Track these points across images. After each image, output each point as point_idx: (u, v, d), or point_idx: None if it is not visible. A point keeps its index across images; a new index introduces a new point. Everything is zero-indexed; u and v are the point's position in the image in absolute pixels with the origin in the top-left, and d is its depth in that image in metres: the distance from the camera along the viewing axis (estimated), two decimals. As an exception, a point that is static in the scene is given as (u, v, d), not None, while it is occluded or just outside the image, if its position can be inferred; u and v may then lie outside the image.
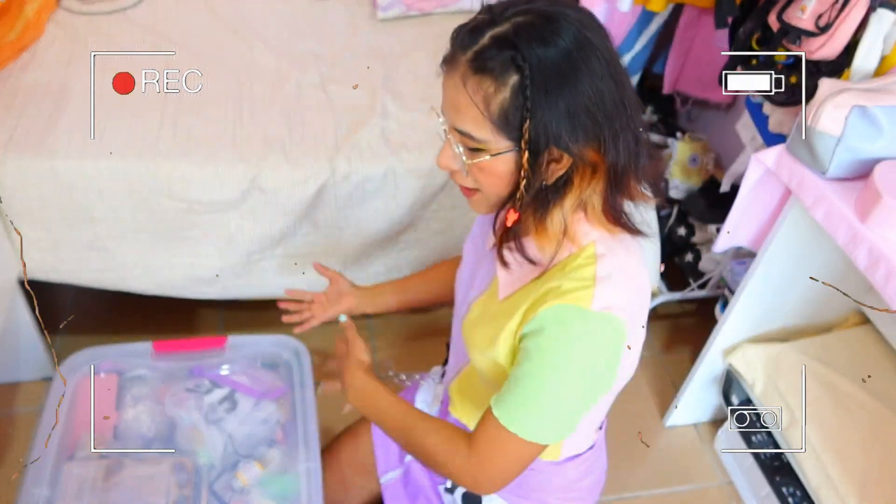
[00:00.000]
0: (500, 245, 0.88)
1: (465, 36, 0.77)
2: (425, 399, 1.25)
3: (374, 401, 1.02)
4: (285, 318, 1.30)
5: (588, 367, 0.84)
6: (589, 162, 0.79)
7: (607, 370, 0.85)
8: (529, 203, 0.82)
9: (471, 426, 1.09)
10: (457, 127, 0.80)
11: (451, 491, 1.13)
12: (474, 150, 0.80)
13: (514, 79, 0.75)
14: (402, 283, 1.31)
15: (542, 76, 0.74)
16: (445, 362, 1.22)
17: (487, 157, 0.79)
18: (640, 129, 0.81)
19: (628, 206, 0.87)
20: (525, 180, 0.79)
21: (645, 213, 0.90)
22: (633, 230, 0.87)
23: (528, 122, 0.75)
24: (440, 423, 0.97)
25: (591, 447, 1.10)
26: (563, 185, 0.81)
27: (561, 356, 0.83)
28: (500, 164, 0.80)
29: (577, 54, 0.75)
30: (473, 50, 0.76)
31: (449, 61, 0.79)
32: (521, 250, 0.86)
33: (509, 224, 0.84)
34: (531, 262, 0.86)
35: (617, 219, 0.85)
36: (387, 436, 1.06)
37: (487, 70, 0.75)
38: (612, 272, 0.83)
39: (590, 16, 0.79)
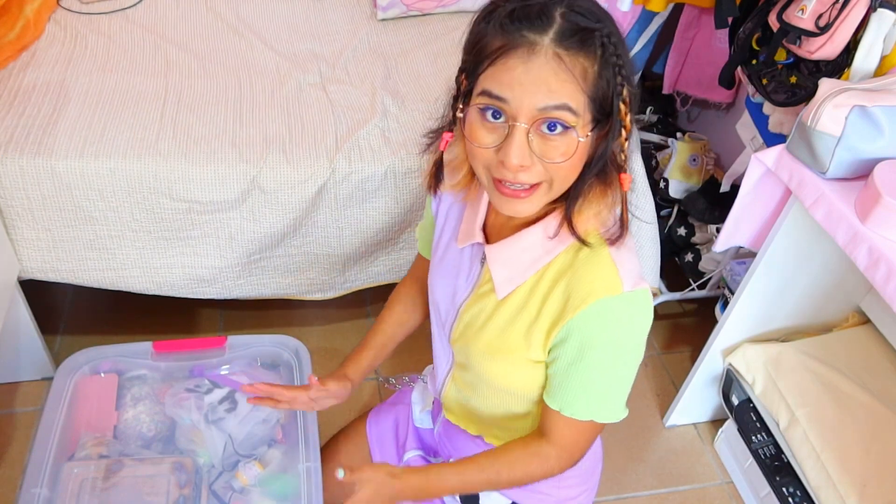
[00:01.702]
0: (567, 216, 0.85)
1: (535, 19, 0.76)
2: (418, 401, 1.25)
3: (440, 486, 1.00)
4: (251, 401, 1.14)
5: (638, 342, 0.89)
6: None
7: (645, 337, 0.90)
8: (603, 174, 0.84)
9: (466, 427, 1.10)
10: (553, 103, 0.75)
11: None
12: (560, 132, 0.77)
13: (598, 51, 0.76)
14: (368, 347, 1.21)
15: (620, 47, 0.77)
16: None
17: (586, 132, 0.78)
18: None
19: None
20: (628, 141, 0.81)
21: (644, 202, 0.90)
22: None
23: (625, 85, 0.78)
24: (509, 449, 0.98)
25: None
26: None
27: (612, 345, 0.87)
28: (587, 142, 0.80)
29: (608, 14, 0.79)
30: (554, 31, 0.75)
31: (519, 47, 0.75)
32: (573, 229, 0.85)
33: (627, 188, 0.85)
34: (582, 241, 0.86)
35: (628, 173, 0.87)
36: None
37: (575, 47, 0.75)
38: (619, 249, 0.87)
39: None
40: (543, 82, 0.75)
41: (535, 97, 0.75)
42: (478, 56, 0.79)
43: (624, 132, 0.80)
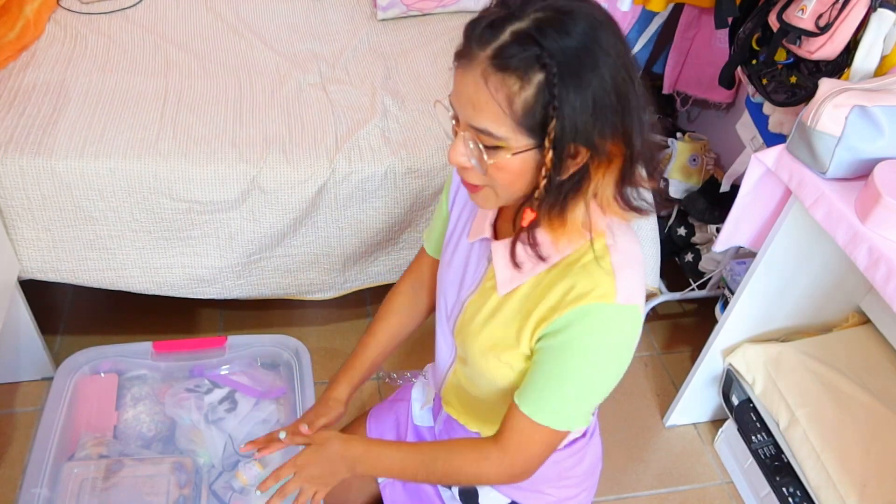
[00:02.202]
0: (513, 245, 0.87)
1: (482, 31, 0.75)
2: (418, 397, 1.25)
3: (378, 461, 0.99)
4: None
5: (615, 356, 0.88)
6: (607, 154, 0.79)
7: (628, 355, 0.89)
8: (547, 200, 0.81)
9: (466, 423, 1.10)
10: (474, 125, 0.78)
11: (447, 486, 1.14)
12: (491, 148, 0.79)
13: (538, 77, 0.73)
14: (360, 363, 1.19)
15: (568, 73, 0.73)
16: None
17: (507, 156, 0.78)
18: (647, 112, 0.81)
19: (632, 190, 0.87)
20: (546, 179, 0.78)
21: (644, 194, 0.89)
22: (643, 212, 0.87)
23: (553, 120, 0.74)
24: (456, 441, 0.98)
25: (584, 434, 1.10)
26: (580, 179, 0.80)
27: (591, 351, 0.86)
28: (519, 161, 0.78)
29: (595, 48, 0.74)
30: (493, 46, 0.74)
31: (464, 56, 0.77)
32: (535, 247, 0.85)
33: (525, 224, 0.83)
34: (542, 259, 0.86)
35: (629, 204, 0.85)
36: (412, 480, 1.02)
37: (511, 68, 0.73)
38: (624, 261, 0.85)
39: (599, 7, 0.78)
40: (469, 99, 0.77)
41: (465, 112, 0.79)
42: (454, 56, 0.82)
43: (544, 169, 0.77)
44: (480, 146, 0.79)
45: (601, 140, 0.77)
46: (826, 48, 1.34)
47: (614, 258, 0.85)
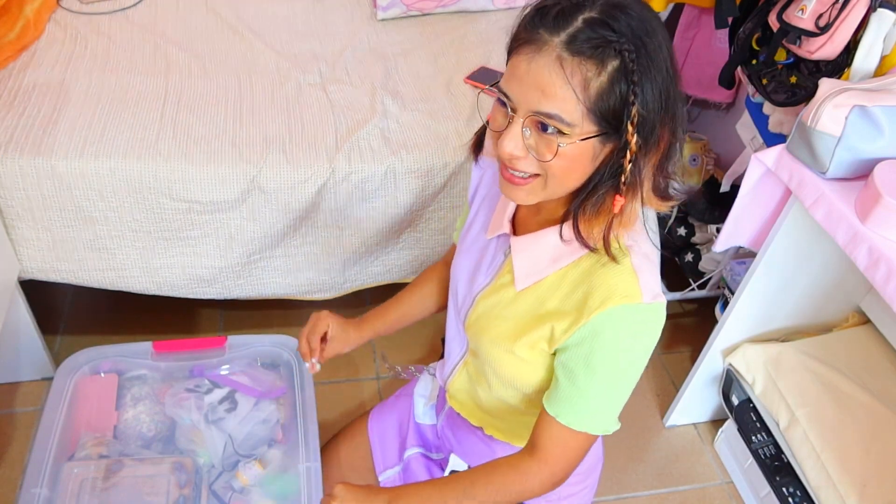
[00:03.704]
0: (576, 226, 0.84)
1: (553, 19, 0.76)
2: (423, 393, 1.26)
3: (414, 497, 0.96)
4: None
5: (646, 354, 0.89)
6: (656, 141, 0.80)
7: (651, 351, 0.90)
8: (631, 183, 0.81)
9: (469, 417, 1.10)
10: (542, 110, 0.77)
11: None
12: (553, 134, 0.78)
13: (613, 63, 0.74)
14: (384, 309, 1.25)
15: (643, 60, 0.75)
16: (441, 357, 1.22)
17: (570, 143, 0.77)
18: (683, 103, 0.83)
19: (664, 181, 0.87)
20: (631, 164, 0.79)
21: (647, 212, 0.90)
22: (675, 200, 0.88)
23: (635, 105, 0.75)
24: (490, 465, 0.97)
25: None
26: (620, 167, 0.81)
27: (623, 355, 0.87)
28: (581, 149, 0.79)
29: (657, 34, 0.77)
30: (567, 32, 0.74)
31: (531, 42, 0.77)
32: (582, 239, 0.84)
33: (618, 210, 0.83)
34: (589, 247, 0.85)
35: (667, 195, 0.86)
36: None
37: (586, 54, 0.74)
38: (642, 259, 0.87)
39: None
40: (539, 85, 0.76)
41: (530, 100, 0.77)
42: (509, 44, 0.81)
43: (628, 153, 0.78)
44: (532, 132, 0.79)
45: (661, 126, 0.79)
46: (826, 48, 1.34)
47: (634, 258, 0.86)
